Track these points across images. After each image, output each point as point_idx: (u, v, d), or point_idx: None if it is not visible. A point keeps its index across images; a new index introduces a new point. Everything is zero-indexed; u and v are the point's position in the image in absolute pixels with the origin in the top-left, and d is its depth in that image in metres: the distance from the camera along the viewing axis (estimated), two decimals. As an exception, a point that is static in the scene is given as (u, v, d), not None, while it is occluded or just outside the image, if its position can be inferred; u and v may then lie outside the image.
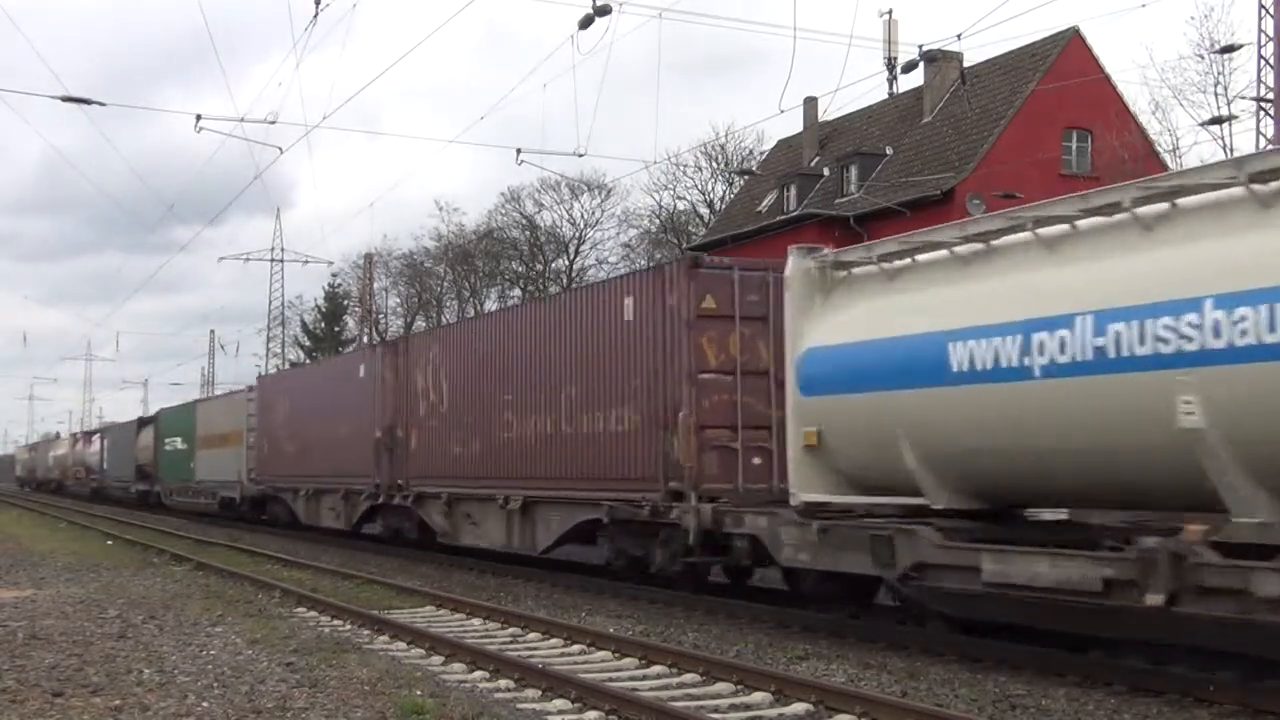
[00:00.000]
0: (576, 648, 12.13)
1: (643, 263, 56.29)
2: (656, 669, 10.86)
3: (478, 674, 10.66)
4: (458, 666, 11.10)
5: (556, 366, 17.74)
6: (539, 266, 65.72)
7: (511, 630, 13.42)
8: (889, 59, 43.88)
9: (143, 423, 50.99)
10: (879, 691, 9.58)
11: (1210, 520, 8.79)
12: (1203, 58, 35.25)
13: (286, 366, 69.31)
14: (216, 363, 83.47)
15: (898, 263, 11.68)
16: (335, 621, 14.12)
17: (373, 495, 24.11)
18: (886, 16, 44.33)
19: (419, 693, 9.28)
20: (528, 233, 65.70)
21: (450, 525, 21.18)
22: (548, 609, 15.17)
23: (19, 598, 15.67)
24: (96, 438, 62.18)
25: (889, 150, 41.71)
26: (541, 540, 18.23)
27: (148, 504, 47.63)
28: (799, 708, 9.16)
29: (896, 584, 12.05)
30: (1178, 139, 38.20)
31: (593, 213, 64.26)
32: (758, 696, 9.59)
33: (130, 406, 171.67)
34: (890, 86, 45.21)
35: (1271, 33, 29.61)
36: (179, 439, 42.09)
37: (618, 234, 76.75)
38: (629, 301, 15.96)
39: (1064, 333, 9.45)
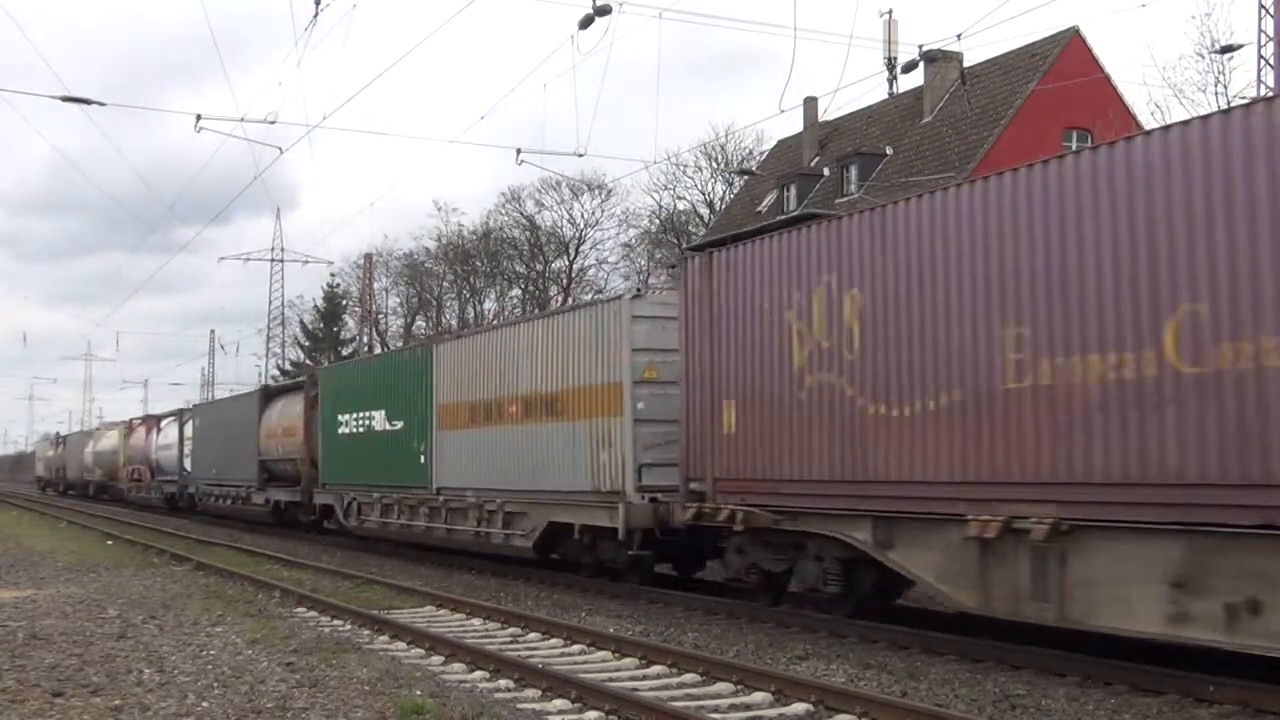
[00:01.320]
0: (576, 648, 12.14)
1: (643, 263, 56.41)
2: (656, 669, 10.87)
3: (478, 674, 10.67)
4: (458, 666, 11.11)
5: None
6: (539, 266, 65.74)
7: (511, 630, 13.43)
8: (889, 59, 43.87)
9: (271, 394, 32.92)
10: (879, 691, 9.59)
11: None
12: (1203, 57, 35.33)
13: (288, 366, 68.86)
14: (216, 362, 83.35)
15: None
16: (335, 621, 14.12)
17: None
18: (886, 16, 44.35)
19: (419, 693, 9.29)
20: (528, 233, 65.74)
21: None
22: (548, 609, 15.16)
23: (19, 598, 15.67)
24: (169, 423, 44.69)
25: (889, 150, 41.67)
26: None
27: (298, 525, 29.49)
28: (799, 708, 9.17)
29: None
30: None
31: (593, 213, 64.32)
32: (758, 696, 9.60)
33: (130, 406, 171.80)
34: (890, 86, 45.23)
35: (1271, 33, 29.63)
36: (379, 413, 24.10)
37: (618, 234, 77.00)
38: None
39: None
